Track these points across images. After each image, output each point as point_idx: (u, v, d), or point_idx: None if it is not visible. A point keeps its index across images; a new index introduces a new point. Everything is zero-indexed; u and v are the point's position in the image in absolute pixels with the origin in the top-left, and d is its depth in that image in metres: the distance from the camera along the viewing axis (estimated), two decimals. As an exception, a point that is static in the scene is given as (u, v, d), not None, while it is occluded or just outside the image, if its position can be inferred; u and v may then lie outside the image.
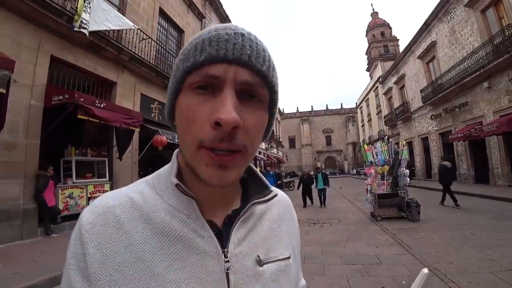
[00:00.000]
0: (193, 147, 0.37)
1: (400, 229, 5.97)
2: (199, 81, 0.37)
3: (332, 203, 11.21)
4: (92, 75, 7.28)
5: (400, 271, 3.62)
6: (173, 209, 0.42)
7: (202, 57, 0.36)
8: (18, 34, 5.41)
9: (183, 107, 0.38)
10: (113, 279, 0.36)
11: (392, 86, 25.41)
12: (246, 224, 0.46)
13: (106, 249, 0.38)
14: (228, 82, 0.36)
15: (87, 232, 0.39)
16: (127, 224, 0.40)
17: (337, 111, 58.59)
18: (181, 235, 0.40)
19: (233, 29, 0.38)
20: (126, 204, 0.42)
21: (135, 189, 0.45)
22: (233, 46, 0.36)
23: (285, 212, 0.56)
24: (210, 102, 0.36)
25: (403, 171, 7.59)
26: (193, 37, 0.41)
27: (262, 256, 0.45)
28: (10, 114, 4.93)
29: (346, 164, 53.09)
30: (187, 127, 0.37)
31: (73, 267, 0.39)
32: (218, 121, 0.34)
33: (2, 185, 5.01)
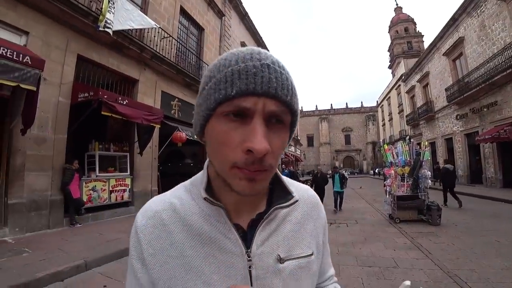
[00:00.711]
0: (227, 166, 0.42)
1: (420, 233, 5.79)
2: (231, 111, 0.41)
3: (350, 203, 11.03)
4: (116, 73, 7.56)
5: (417, 276, 3.53)
6: (205, 214, 0.50)
7: (233, 92, 0.39)
8: (48, 35, 5.70)
9: (216, 132, 0.43)
10: (162, 268, 0.47)
11: (415, 84, 24.51)
12: (269, 227, 0.52)
13: (156, 245, 0.49)
14: (258, 113, 0.40)
15: (141, 232, 0.50)
16: (170, 226, 0.50)
17: (357, 110, 57.23)
18: (212, 236, 0.49)
19: (259, 59, 0.42)
20: (169, 209, 0.51)
21: (175, 194, 0.54)
22: (261, 80, 0.40)
23: (311, 211, 0.61)
24: (241, 129, 0.41)
25: (425, 173, 7.34)
26: (220, 61, 0.44)
27: (282, 255, 0.51)
28: (40, 110, 5.22)
29: (365, 164, 51.87)
30: (220, 149, 0.42)
31: (134, 257, 0.50)
32: (251, 149, 0.39)
33: (32, 177, 5.33)
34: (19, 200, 5.08)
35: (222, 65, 0.42)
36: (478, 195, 11.54)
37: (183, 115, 10.02)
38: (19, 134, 5.01)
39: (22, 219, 5.08)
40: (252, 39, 18.46)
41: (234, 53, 0.43)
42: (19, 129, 4.98)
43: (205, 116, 0.44)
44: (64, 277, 3.47)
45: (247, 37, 17.46)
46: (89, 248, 4.32)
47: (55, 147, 5.76)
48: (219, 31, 13.51)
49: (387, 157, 8.45)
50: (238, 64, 0.41)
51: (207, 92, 0.43)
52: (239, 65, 0.41)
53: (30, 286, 3.11)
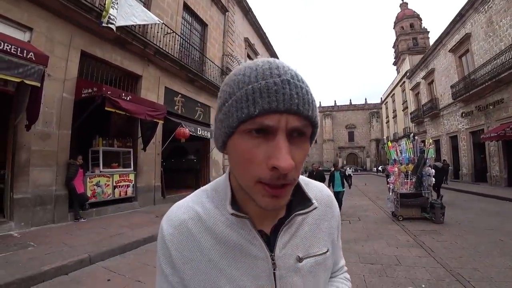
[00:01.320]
0: (252, 182, 0.43)
1: (422, 231, 5.77)
2: (254, 128, 0.41)
3: (353, 201, 11.01)
4: (119, 68, 7.57)
5: (420, 274, 3.52)
6: (230, 222, 0.52)
7: (256, 111, 0.40)
8: (52, 31, 5.71)
9: (239, 148, 0.43)
10: (194, 272, 0.51)
11: (420, 81, 24.28)
12: (289, 231, 0.55)
13: (185, 253, 0.52)
14: (281, 129, 0.41)
15: (169, 241, 0.52)
16: (197, 234, 0.52)
17: (361, 107, 56.88)
18: (237, 243, 0.51)
19: (278, 74, 0.42)
20: (194, 218, 0.54)
21: (197, 200, 0.56)
22: (282, 97, 0.40)
23: (326, 211, 0.64)
24: (265, 145, 0.41)
25: (428, 170, 7.30)
26: (238, 76, 0.44)
27: (301, 255, 0.55)
28: (44, 106, 5.26)
29: (368, 161, 51.69)
30: (244, 165, 0.43)
31: (164, 262, 0.53)
32: (276, 167, 0.39)
33: (37, 172, 5.39)
34: (24, 195, 5.15)
35: (242, 82, 0.43)
36: (482, 194, 11.45)
37: (186, 111, 10.03)
38: (23, 130, 5.06)
39: (27, 214, 5.14)
40: (255, 34, 18.36)
41: (252, 67, 0.43)
42: (24, 125, 5.02)
43: (227, 133, 0.44)
44: (69, 271, 3.51)
45: (250, 33, 17.36)
46: (93, 242, 4.36)
47: (59, 142, 5.80)
48: (222, 27, 13.45)
49: (391, 154, 8.41)
50: (258, 82, 0.41)
51: (228, 110, 0.43)
52: (259, 83, 0.41)
53: (35, 279, 3.16)
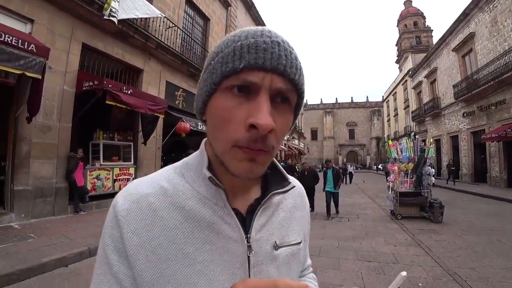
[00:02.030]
0: (227, 145, 0.40)
1: (421, 230, 5.79)
2: (237, 85, 0.39)
3: (352, 198, 11.05)
4: (120, 62, 7.53)
5: (417, 273, 3.54)
6: (203, 197, 0.46)
7: (241, 65, 0.38)
8: (53, 23, 5.67)
9: (218, 108, 0.41)
10: (149, 259, 0.42)
11: (423, 80, 24.17)
12: (266, 212, 0.51)
13: (142, 234, 0.43)
14: (264, 88, 0.39)
15: (123, 218, 0.43)
16: (161, 211, 0.44)
17: (362, 104, 56.75)
18: (209, 221, 0.45)
19: (269, 36, 0.40)
20: (158, 192, 0.46)
21: (165, 177, 0.49)
22: (270, 56, 0.39)
23: (299, 201, 0.61)
24: (246, 105, 0.39)
25: (428, 169, 7.30)
26: (228, 37, 0.43)
27: (278, 242, 0.51)
28: (45, 98, 5.25)
29: (368, 159, 51.74)
30: (222, 127, 0.40)
31: (110, 247, 0.43)
32: (255, 125, 0.37)
33: (38, 165, 5.40)
34: (25, 187, 5.16)
35: (231, 40, 0.41)
36: (481, 194, 11.47)
37: (187, 106, 10.00)
38: (24, 122, 5.05)
39: (27, 206, 5.16)
40: (258, 30, 18.24)
41: (244, 29, 0.42)
42: (25, 117, 5.01)
43: (209, 91, 0.42)
44: (68, 262, 3.54)
45: (253, 28, 17.24)
46: (92, 235, 4.38)
47: (60, 135, 5.80)
48: (224, 22, 13.36)
49: (391, 153, 8.41)
50: (247, 39, 0.40)
51: (213, 67, 0.42)
52: (248, 40, 0.40)
53: (35, 271, 3.18)
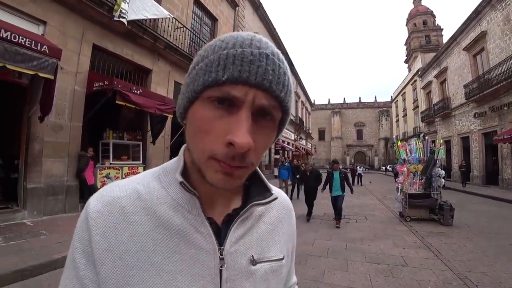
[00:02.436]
0: (204, 156, 0.38)
1: (430, 232, 5.71)
2: (218, 97, 0.37)
3: (360, 199, 10.95)
4: (130, 62, 7.63)
5: (426, 276, 3.50)
6: (176, 204, 0.44)
7: (224, 76, 0.36)
8: (65, 25, 5.78)
9: (198, 117, 0.39)
10: (115, 265, 0.40)
11: (432, 80, 23.79)
12: (244, 224, 0.48)
13: (111, 238, 0.41)
14: (246, 104, 0.37)
15: (93, 220, 0.41)
16: (132, 215, 0.42)
17: (371, 105, 56.19)
18: (181, 229, 0.43)
19: (258, 47, 0.38)
20: (132, 196, 0.44)
21: (141, 181, 0.47)
22: (256, 69, 0.36)
23: (285, 215, 0.58)
24: (226, 118, 0.37)
25: (438, 171, 7.19)
26: (216, 41, 0.40)
27: (256, 256, 0.47)
28: (57, 98, 5.35)
29: (376, 160, 51.18)
30: (200, 137, 0.39)
31: (78, 250, 0.41)
32: (232, 143, 0.35)
33: (50, 163, 5.51)
34: (37, 185, 5.27)
35: (218, 47, 0.39)
36: (493, 197, 11.23)
37: (195, 106, 10.05)
38: (37, 122, 5.16)
39: (40, 203, 5.28)
40: (265, 30, 18.24)
41: (233, 36, 0.39)
42: (37, 117, 5.12)
43: (190, 98, 0.40)
44: (79, 260, 3.60)
45: (260, 28, 17.26)
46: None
47: (71, 134, 5.90)
48: (232, 22, 13.39)
49: (400, 154, 8.31)
50: (235, 48, 0.37)
51: (196, 73, 0.40)
52: (235, 50, 0.37)
53: (47, 267, 3.26)
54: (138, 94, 6.34)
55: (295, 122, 27.50)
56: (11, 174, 5.53)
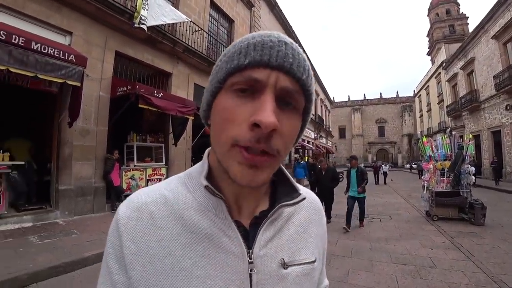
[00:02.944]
0: (227, 145, 0.38)
1: (460, 232, 5.45)
2: (241, 83, 0.37)
3: (383, 198, 10.64)
4: (150, 67, 7.87)
5: (457, 278, 3.34)
6: (203, 208, 0.44)
7: (246, 61, 0.37)
8: (89, 34, 6.07)
9: (221, 107, 0.39)
10: (145, 270, 0.40)
11: (458, 72, 22.63)
12: (273, 226, 0.47)
13: (140, 243, 0.41)
14: (269, 87, 0.37)
15: (123, 226, 0.43)
16: (160, 220, 0.43)
17: (392, 100, 54.34)
18: (209, 233, 0.42)
19: (277, 36, 0.39)
20: (159, 201, 0.44)
21: (167, 187, 0.47)
22: (276, 53, 0.37)
23: (315, 215, 0.56)
24: (249, 104, 0.37)
25: (468, 168, 6.84)
26: (237, 41, 0.42)
27: (286, 259, 0.46)
28: (84, 104, 5.62)
29: (400, 157, 49.43)
30: (223, 126, 0.38)
31: (111, 256, 0.43)
32: (257, 123, 0.35)
33: (79, 166, 5.79)
34: (67, 187, 5.57)
35: (239, 41, 0.41)
36: None
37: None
38: (66, 127, 5.45)
39: (70, 204, 5.57)
40: (282, 28, 18.15)
41: (253, 33, 0.41)
42: (67, 122, 5.41)
43: (214, 90, 0.41)
44: (108, 259, 3.76)
45: (277, 27, 17.19)
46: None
47: (97, 138, 6.18)
48: (249, 22, 13.44)
49: (425, 151, 8.00)
50: (254, 39, 0.39)
51: (218, 67, 0.41)
52: (255, 39, 0.39)
53: (79, 264, 3.44)
54: (159, 97, 6.52)
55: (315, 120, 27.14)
56: (45, 177, 5.87)
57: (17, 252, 3.55)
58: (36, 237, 4.21)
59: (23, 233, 4.39)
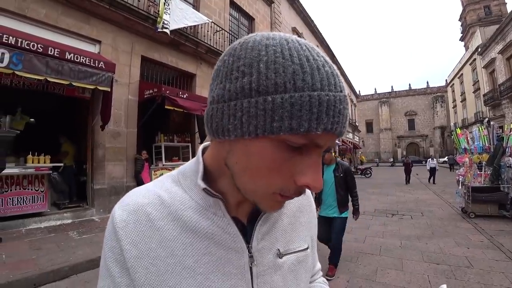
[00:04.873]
0: (269, 192, 0.38)
1: (501, 231, 5.08)
2: (300, 143, 0.34)
3: (414, 194, 10.20)
4: (175, 69, 8.12)
5: (496, 280, 3.13)
6: (200, 207, 0.44)
7: (319, 130, 0.33)
8: (116, 41, 6.40)
9: (266, 156, 0.36)
10: (148, 272, 0.41)
11: (496, 57, 20.96)
12: (268, 220, 0.49)
13: (141, 246, 0.42)
14: (322, 149, 0.37)
15: (121, 230, 0.42)
16: (158, 221, 0.43)
17: (422, 91, 51.49)
18: (209, 232, 0.43)
19: (339, 83, 0.35)
20: (156, 202, 0.44)
21: (161, 186, 0.47)
22: (343, 120, 0.35)
23: (304, 203, 0.58)
24: (298, 159, 0.36)
25: (509, 160, 6.34)
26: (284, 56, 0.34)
27: (281, 249, 0.49)
28: (114, 108, 5.93)
29: (432, 150, 46.78)
30: (265, 174, 0.36)
31: (111, 259, 0.43)
32: (308, 186, 0.36)
33: (112, 166, 6.14)
34: (102, 186, 5.93)
35: (300, 79, 0.33)
36: None
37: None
38: (99, 130, 5.80)
39: (104, 202, 5.92)
40: (303, 23, 17.87)
41: (308, 57, 0.34)
42: (99, 126, 5.75)
43: (257, 133, 0.34)
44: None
45: (298, 22, 16.95)
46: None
47: (127, 140, 6.52)
48: (269, 19, 13.37)
49: (460, 143, 7.54)
50: (324, 91, 0.33)
51: (272, 108, 0.33)
52: (326, 93, 0.33)
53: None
54: (184, 98, 6.72)
55: (339, 115, 26.47)
56: (81, 177, 6.28)
57: (59, 246, 3.86)
58: (75, 233, 4.55)
59: (64, 229, 4.76)
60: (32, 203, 4.95)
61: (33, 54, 4.09)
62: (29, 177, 4.97)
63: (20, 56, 3.96)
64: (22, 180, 4.88)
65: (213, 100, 0.40)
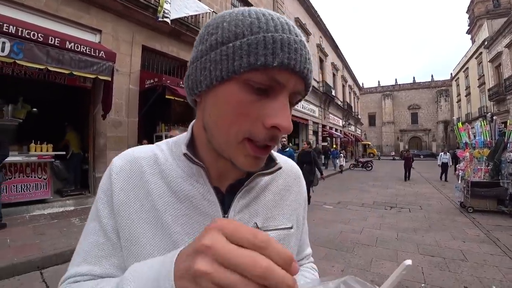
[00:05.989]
0: (238, 138, 0.39)
1: (498, 226, 5.11)
2: (262, 82, 0.37)
3: (414, 188, 10.22)
4: (176, 59, 8.09)
5: (490, 273, 3.17)
6: (185, 174, 0.47)
7: (275, 63, 0.36)
8: (117, 31, 6.37)
9: (233, 99, 0.38)
10: (130, 218, 0.44)
11: (503, 51, 20.62)
12: (249, 194, 0.49)
13: (129, 192, 0.45)
14: (287, 90, 0.38)
15: (115, 174, 0.46)
16: (149, 176, 0.47)
17: (426, 85, 50.85)
18: (190, 195, 0.46)
19: (296, 33, 0.39)
20: (151, 159, 0.48)
21: (158, 148, 0.51)
22: (300, 58, 0.37)
23: (293, 183, 0.58)
24: (265, 102, 0.38)
25: (510, 156, 6.32)
26: (246, 17, 0.38)
27: (260, 224, 0.49)
28: (115, 97, 5.94)
29: (434, 145, 46.55)
30: (234, 119, 0.38)
31: (102, 201, 0.46)
32: (277, 127, 0.37)
33: (112, 155, 6.01)
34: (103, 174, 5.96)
35: (256, 26, 0.37)
36: None
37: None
38: (100, 119, 5.83)
39: (106, 191, 6.00)
40: (306, 13, 17.61)
41: (264, 14, 0.39)
42: (100, 115, 5.77)
43: (223, 77, 0.38)
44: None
45: (301, 13, 16.70)
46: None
47: (129, 129, 6.56)
48: (271, 9, 13.17)
49: (461, 137, 7.51)
50: (279, 33, 0.37)
51: (232, 51, 0.37)
52: (280, 34, 0.37)
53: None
54: (184, 88, 6.71)
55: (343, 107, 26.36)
56: (83, 166, 6.35)
57: (62, 232, 3.95)
58: (77, 219, 4.64)
59: (66, 216, 4.85)
60: (35, 190, 5.04)
61: (33, 43, 4.09)
62: (32, 165, 5.04)
63: (21, 45, 3.97)
64: (25, 168, 4.95)
65: (189, 63, 0.44)
